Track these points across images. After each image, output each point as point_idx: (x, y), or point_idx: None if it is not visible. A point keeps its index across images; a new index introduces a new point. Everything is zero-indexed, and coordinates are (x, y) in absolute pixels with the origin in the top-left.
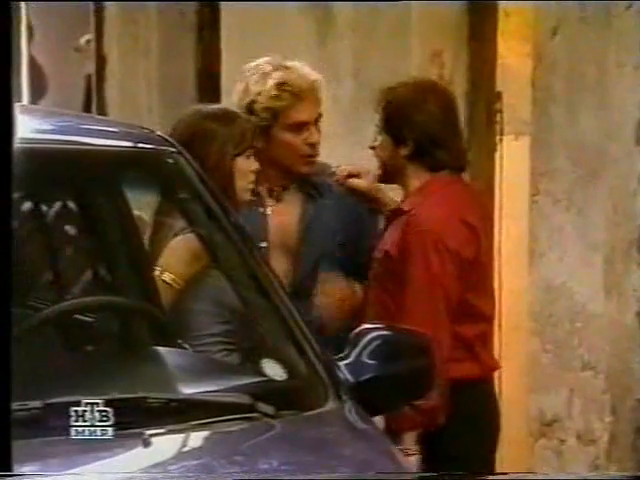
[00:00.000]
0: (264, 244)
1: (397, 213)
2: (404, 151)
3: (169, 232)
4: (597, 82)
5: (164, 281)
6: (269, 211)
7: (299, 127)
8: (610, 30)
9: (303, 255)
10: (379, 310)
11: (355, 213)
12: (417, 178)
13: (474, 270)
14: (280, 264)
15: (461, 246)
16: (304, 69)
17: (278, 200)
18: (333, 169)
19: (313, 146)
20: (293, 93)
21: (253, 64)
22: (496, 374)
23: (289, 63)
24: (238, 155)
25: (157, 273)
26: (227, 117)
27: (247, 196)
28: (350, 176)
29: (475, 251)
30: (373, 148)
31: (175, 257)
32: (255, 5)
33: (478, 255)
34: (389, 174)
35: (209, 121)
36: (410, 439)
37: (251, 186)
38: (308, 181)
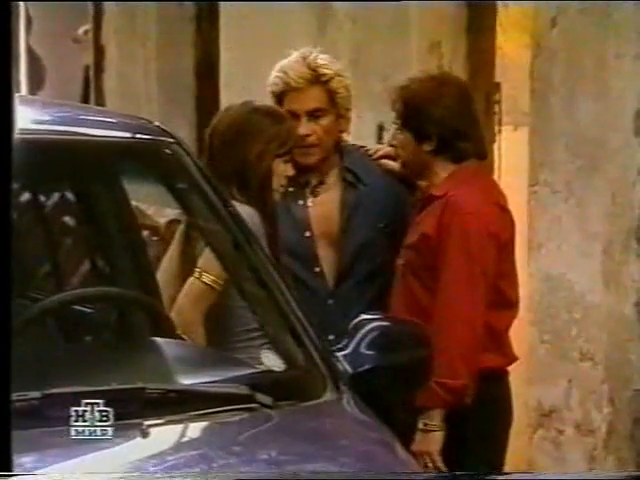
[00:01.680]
0: (308, 234)
1: (429, 199)
2: (428, 147)
3: (201, 234)
4: (596, 73)
5: (204, 283)
6: (310, 203)
7: (291, 115)
8: (609, 21)
9: (346, 243)
10: (409, 301)
11: (395, 195)
12: (442, 170)
13: (507, 256)
14: (325, 252)
15: (499, 230)
16: (320, 61)
17: (315, 195)
18: (368, 150)
19: (301, 137)
20: (285, 80)
21: None
22: None
23: (313, 53)
24: (279, 156)
25: (196, 275)
26: (276, 115)
27: (276, 197)
28: (384, 157)
29: (510, 236)
30: (394, 146)
31: (215, 258)
32: None
33: (512, 240)
34: (412, 170)
35: (257, 116)
36: (437, 416)
37: (282, 189)
38: (346, 168)
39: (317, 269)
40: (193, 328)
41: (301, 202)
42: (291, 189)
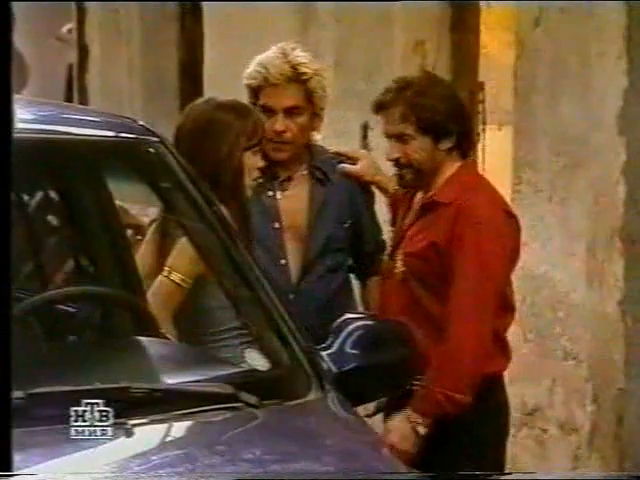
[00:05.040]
0: (276, 225)
1: (432, 205)
2: (446, 144)
3: (177, 232)
4: (579, 72)
5: (173, 281)
6: (279, 196)
7: (266, 111)
8: (592, 20)
9: (313, 238)
10: (413, 307)
11: (357, 195)
12: (449, 167)
13: (514, 262)
14: (292, 245)
15: (510, 238)
16: (301, 59)
17: (284, 189)
18: (329, 152)
19: (277, 133)
20: (264, 75)
21: None
22: None
23: (295, 50)
24: (248, 149)
25: (165, 273)
26: (241, 110)
27: (249, 192)
28: (343, 162)
29: (517, 242)
30: (397, 159)
31: (183, 257)
32: None
33: (518, 246)
34: (427, 174)
35: (224, 112)
36: (427, 422)
37: (254, 183)
38: (315, 166)
39: (283, 261)
40: (162, 326)
41: (270, 193)
42: (260, 180)
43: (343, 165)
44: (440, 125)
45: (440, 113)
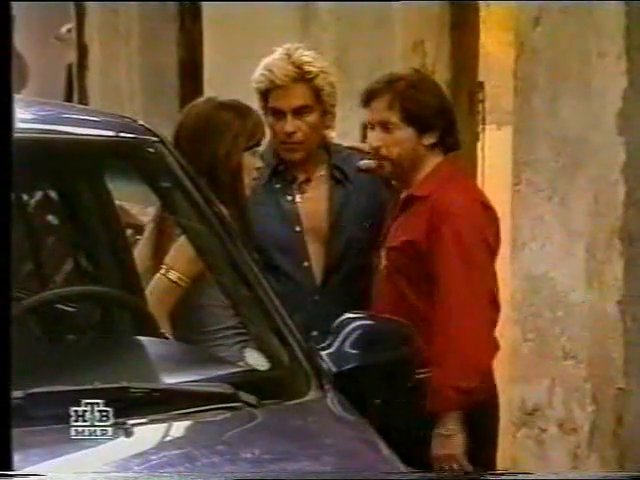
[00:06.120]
0: (298, 228)
1: (410, 200)
2: (430, 139)
3: (175, 230)
4: (579, 72)
5: (170, 279)
6: (298, 199)
7: (275, 113)
8: (591, 20)
9: (334, 239)
10: (398, 301)
11: (378, 194)
12: (430, 163)
13: (495, 253)
14: (313, 248)
15: (487, 229)
16: (305, 58)
17: (303, 191)
18: (347, 150)
19: (287, 135)
20: (270, 78)
21: None
22: None
23: (298, 50)
24: (247, 149)
25: (162, 271)
26: (241, 109)
27: (248, 192)
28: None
29: (496, 233)
30: (378, 149)
31: (181, 255)
32: None
33: (498, 237)
34: (407, 168)
35: (224, 111)
36: (454, 420)
37: (253, 183)
38: (334, 165)
39: (306, 264)
40: (159, 324)
41: (289, 197)
42: (278, 185)
43: (366, 162)
44: (425, 118)
45: (427, 106)
